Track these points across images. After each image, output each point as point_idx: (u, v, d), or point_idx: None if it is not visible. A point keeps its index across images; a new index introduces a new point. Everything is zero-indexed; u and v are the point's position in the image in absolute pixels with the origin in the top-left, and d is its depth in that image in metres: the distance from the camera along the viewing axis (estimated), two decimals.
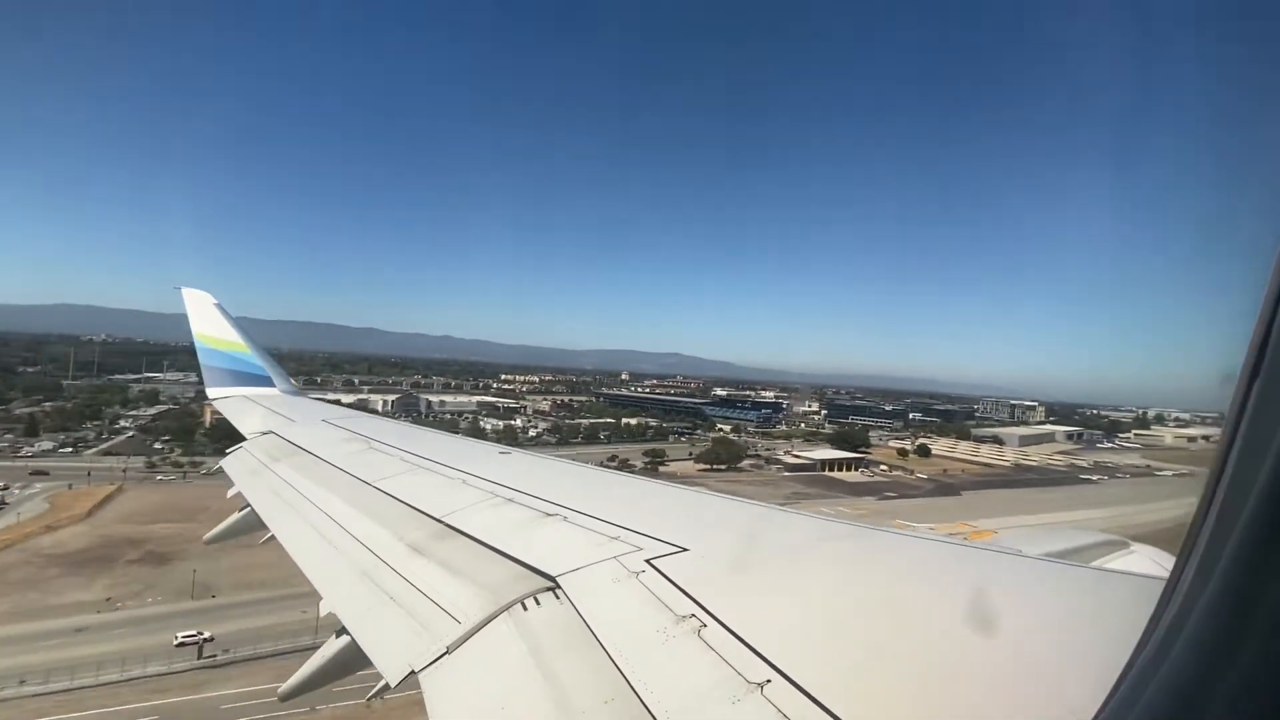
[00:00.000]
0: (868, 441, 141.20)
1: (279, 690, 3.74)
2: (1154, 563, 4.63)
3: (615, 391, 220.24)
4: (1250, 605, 0.86)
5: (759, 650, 2.20)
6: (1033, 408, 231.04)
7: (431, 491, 4.89)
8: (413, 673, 2.61)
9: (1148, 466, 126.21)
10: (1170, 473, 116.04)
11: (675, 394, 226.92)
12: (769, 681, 2.04)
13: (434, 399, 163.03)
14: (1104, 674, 1.15)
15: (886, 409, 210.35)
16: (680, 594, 2.69)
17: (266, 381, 11.82)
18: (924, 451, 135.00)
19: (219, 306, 12.52)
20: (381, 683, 2.72)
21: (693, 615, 2.50)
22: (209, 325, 12.23)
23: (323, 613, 3.51)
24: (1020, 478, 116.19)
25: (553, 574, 3.04)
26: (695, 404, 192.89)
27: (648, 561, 3.04)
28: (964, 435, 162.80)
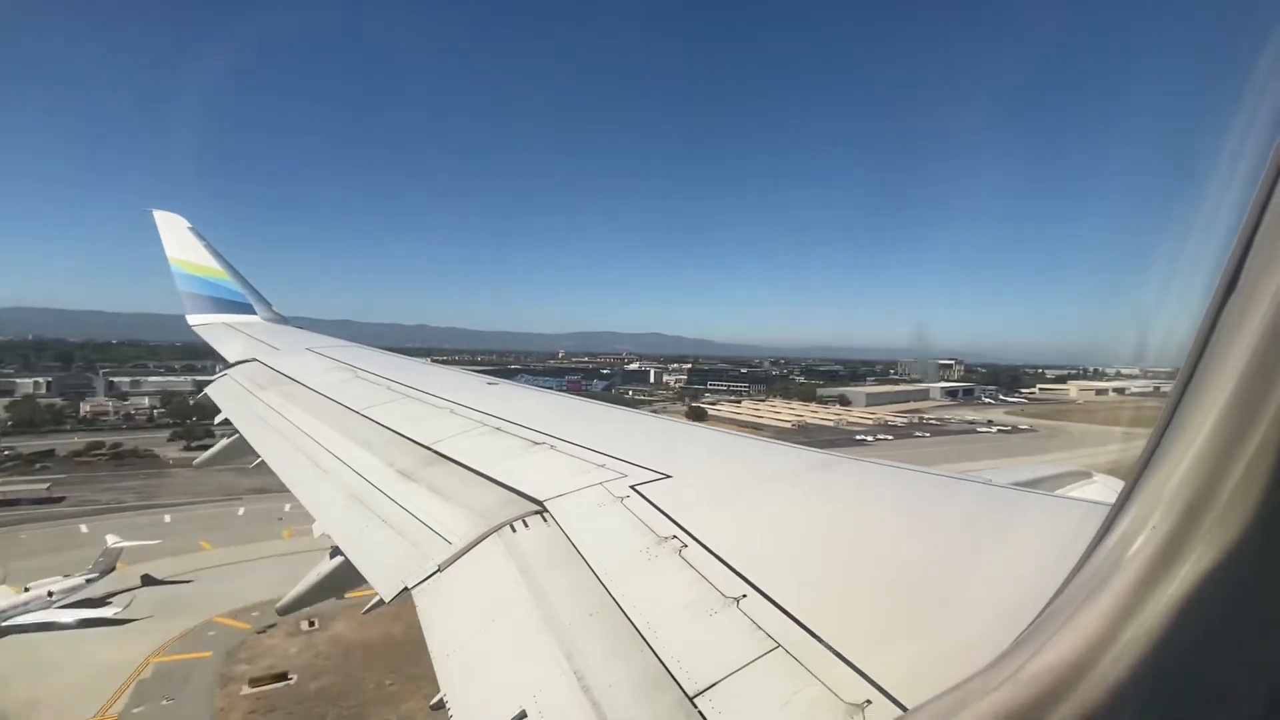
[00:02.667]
0: (633, 406, 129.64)
1: (277, 605, 3.90)
2: (1111, 491, 4.87)
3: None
4: (1187, 535, 0.94)
5: (736, 568, 2.32)
6: (949, 366, 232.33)
7: (420, 419, 4.94)
8: (406, 589, 2.72)
9: (988, 422, 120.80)
10: (995, 429, 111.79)
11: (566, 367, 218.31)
12: (744, 596, 2.16)
13: None
14: (1048, 591, 1.24)
15: (743, 371, 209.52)
16: (663, 517, 2.79)
17: (247, 308, 11.57)
18: (698, 415, 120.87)
19: (194, 230, 12.05)
20: (375, 598, 2.84)
21: (674, 537, 2.61)
22: (184, 250, 11.80)
23: (316, 534, 3.62)
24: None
25: (540, 498, 3.13)
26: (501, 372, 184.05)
27: (632, 487, 3.13)
28: (808, 395, 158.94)
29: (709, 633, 2.05)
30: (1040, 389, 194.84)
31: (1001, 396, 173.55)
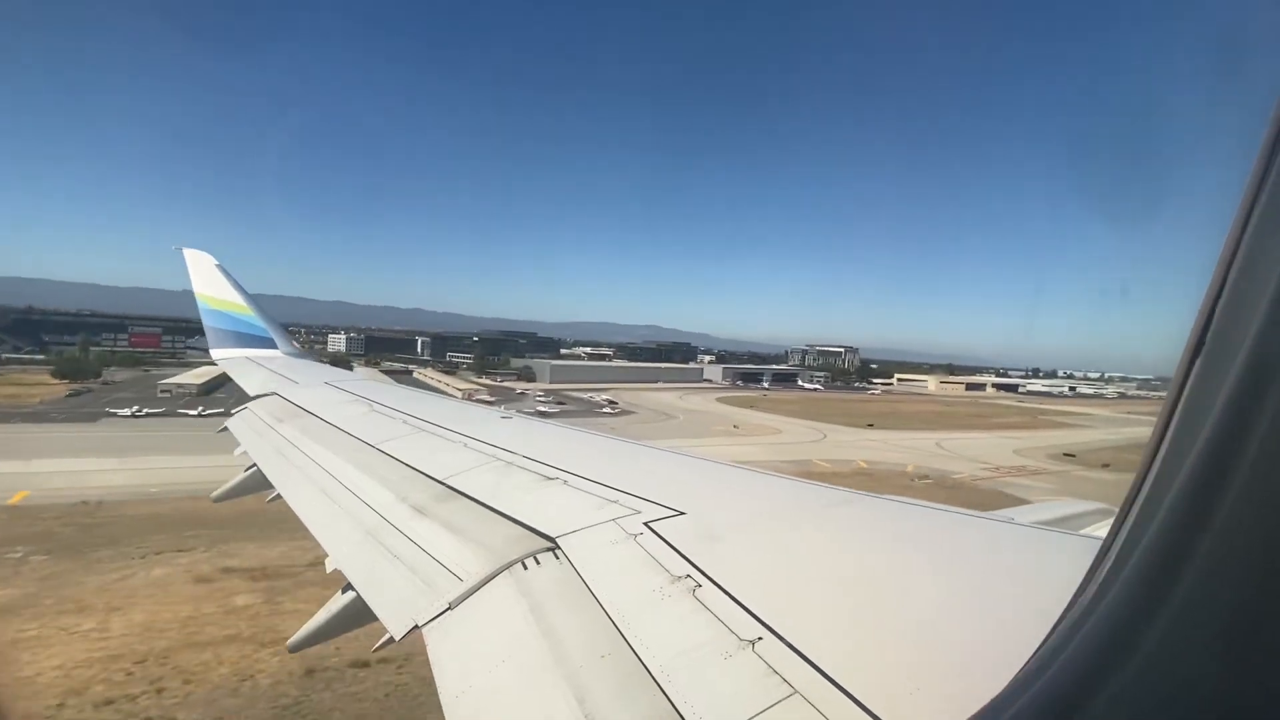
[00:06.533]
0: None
1: (288, 642, 3.87)
2: None
3: None
4: (1176, 567, 0.92)
5: (751, 610, 2.27)
6: (838, 354, 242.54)
7: (433, 454, 4.96)
8: (416, 627, 2.69)
9: (608, 401, 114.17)
10: (542, 406, 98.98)
11: None
12: (760, 639, 2.11)
13: None
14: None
15: (474, 340, 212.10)
16: (677, 555, 2.75)
17: (269, 343, 11.85)
18: (392, 373, 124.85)
19: (220, 268, 12.45)
20: (386, 636, 2.81)
21: (688, 576, 2.57)
22: (210, 286, 12.19)
23: (329, 569, 3.60)
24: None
25: (552, 535, 3.10)
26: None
27: (645, 524, 3.10)
28: (502, 367, 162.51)
29: (724, 677, 1.99)
30: (899, 379, 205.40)
31: (804, 384, 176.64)
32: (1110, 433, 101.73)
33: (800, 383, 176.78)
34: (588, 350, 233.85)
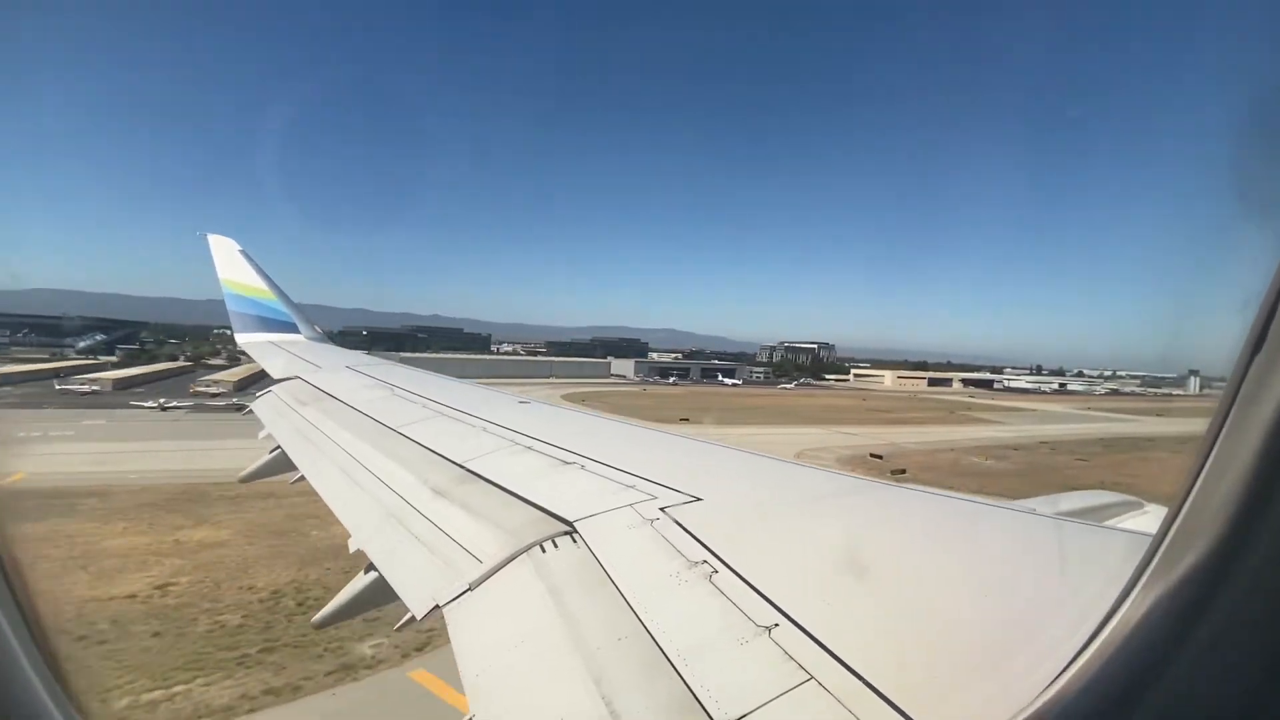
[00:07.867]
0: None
1: (313, 619, 3.98)
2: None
3: None
4: (1230, 566, 0.90)
5: (768, 596, 2.28)
6: (811, 350, 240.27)
7: (453, 438, 5.02)
8: (437, 607, 2.74)
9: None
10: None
11: None
12: (777, 625, 2.12)
13: None
14: (1092, 626, 1.19)
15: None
16: (693, 541, 2.76)
17: (292, 328, 12.01)
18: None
19: (244, 253, 12.61)
20: (408, 615, 2.87)
21: (705, 562, 2.58)
22: (235, 272, 12.35)
23: (351, 550, 3.68)
24: None
25: (570, 519, 3.13)
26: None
27: (662, 509, 3.12)
28: None
29: (739, 662, 2.01)
30: (855, 375, 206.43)
31: (725, 380, 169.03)
32: (1012, 430, 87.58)
33: (721, 379, 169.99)
34: (522, 347, 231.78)
